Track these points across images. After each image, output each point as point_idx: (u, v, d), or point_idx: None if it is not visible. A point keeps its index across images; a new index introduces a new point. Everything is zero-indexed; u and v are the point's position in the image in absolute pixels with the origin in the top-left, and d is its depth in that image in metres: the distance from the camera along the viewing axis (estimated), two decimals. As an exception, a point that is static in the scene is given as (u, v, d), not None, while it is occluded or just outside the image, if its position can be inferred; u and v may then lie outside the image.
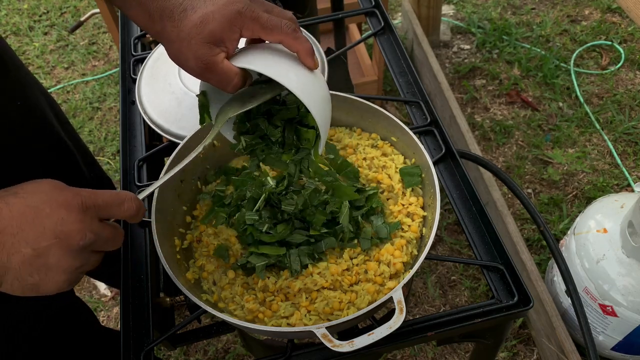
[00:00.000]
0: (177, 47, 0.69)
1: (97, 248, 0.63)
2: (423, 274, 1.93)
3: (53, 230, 0.58)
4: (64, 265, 0.59)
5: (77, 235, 0.59)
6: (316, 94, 0.72)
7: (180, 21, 0.67)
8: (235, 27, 0.67)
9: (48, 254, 0.58)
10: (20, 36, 2.95)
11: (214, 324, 1.09)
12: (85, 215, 0.60)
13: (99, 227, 0.62)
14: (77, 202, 0.60)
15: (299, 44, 0.71)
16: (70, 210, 0.59)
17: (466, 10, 2.80)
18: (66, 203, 0.60)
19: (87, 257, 0.62)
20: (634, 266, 1.40)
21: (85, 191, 0.62)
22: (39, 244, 0.57)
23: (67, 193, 0.61)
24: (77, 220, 0.59)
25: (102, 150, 2.43)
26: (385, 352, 1.17)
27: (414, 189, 0.91)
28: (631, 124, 2.24)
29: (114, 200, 0.64)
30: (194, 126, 0.92)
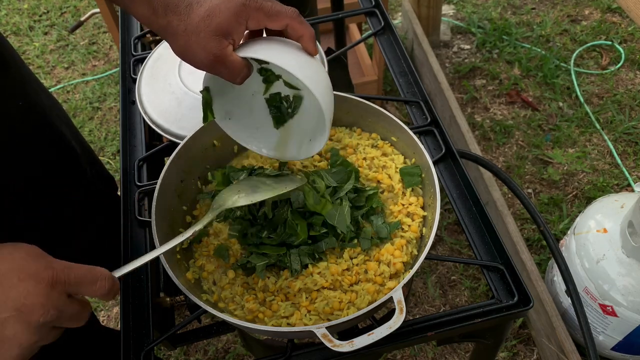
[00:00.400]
0: (183, 41, 0.69)
1: (58, 325, 0.61)
2: (423, 274, 1.93)
3: (15, 301, 0.56)
4: (20, 340, 0.57)
5: (39, 310, 0.57)
6: (320, 81, 0.72)
7: (186, 15, 0.68)
8: (241, 18, 0.68)
9: (5, 326, 0.55)
10: (20, 36, 2.95)
11: (214, 324, 1.09)
12: (53, 290, 0.58)
13: (64, 304, 0.59)
14: (48, 275, 0.58)
15: (304, 28, 0.71)
16: (38, 283, 0.57)
17: (466, 10, 2.80)
18: (36, 274, 0.57)
19: (46, 333, 0.60)
20: (634, 266, 1.40)
21: (59, 264, 0.60)
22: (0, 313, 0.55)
23: (39, 264, 0.59)
24: (42, 295, 0.57)
25: (102, 150, 2.43)
26: (385, 352, 1.17)
27: (414, 189, 0.91)
28: (631, 123, 2.24)
29: (87, 277, 0.62)
30: (194, 126, 0.92)
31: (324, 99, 0.72)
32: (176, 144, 0.93)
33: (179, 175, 0.90)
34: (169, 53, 1.19)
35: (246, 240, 0.85)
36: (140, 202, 1.00)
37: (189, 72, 1.14)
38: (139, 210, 0.98)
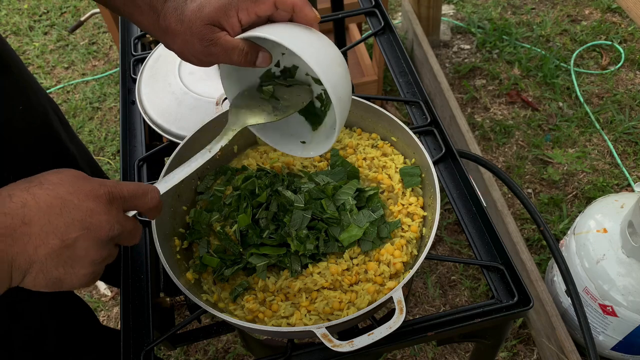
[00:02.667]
0: (181, 38, 0.72)
1: (119, 241, 0.63)
2: (423, 274, 1.93)
3: (81, 221, 0.57)
4: (91, 257, 0.59)
5: (105, 225, 0.59)
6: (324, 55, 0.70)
7: (181, 11, 0.71)
8: (230, 10, 0.70)
9: (76, 246, 0.57)
10: (20, 36, 2.95)
11: (214, 324, 1.09)
12: (112, 206, 0.60)
13: (124, 219, 0.62)
14: (104, 192, 0.60)
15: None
16: (98, 201, 0.59)
17: (466, 10, 2.80)
18: (93, 193, 0.59)
19: (112, 249, 0.62)
20: (634, 266, 1.40)
21: (110, 182, 0.62)
22: (68, 235, 0.56)
23: (92, 183, 0.60)
24: (105, 212, 0.59)
25: (102, 150, 2.43)
26: (385, 352, 1.17)
27: (414, 189, 0.91)
28: (631, 123, 2.24)
29: (138, 191, 0.64)
30: (194, 126, 0.92)
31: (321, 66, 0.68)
32: (176, 144, 0.93)
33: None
34: (169, 53, 1.19)
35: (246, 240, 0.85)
36: (140, 202, 0.99)
37: (189, 72, 1.14)
38: (139, 210, 0.98)
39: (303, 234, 0.82)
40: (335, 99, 0.70)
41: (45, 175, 0.60)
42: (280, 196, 0.85)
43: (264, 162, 0.96)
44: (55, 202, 0.57)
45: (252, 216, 0.84)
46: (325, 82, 0.68)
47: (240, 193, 0.87)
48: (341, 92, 0.71)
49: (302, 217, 0.83)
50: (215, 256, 0.84)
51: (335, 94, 0.69)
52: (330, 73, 0.69)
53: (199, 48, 0.71)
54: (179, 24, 0.71)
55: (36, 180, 0.59)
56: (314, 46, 0.70)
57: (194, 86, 1.11)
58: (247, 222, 0.83)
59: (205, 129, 0.92)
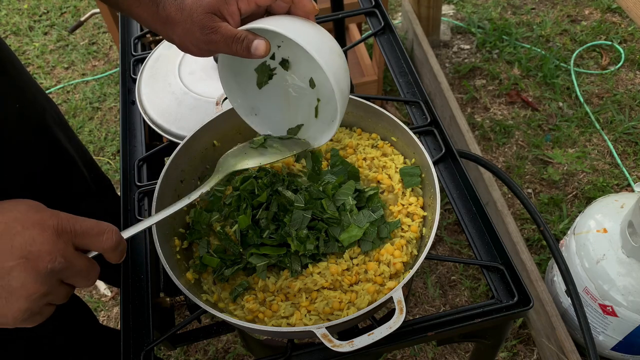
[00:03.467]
0: (181, 28, 0.72)
1: (67, 279, 0.58)
2: (423, 274, 1.93)
3: (21, 248, 0.54)
4: (28, 289, 0.54)
5: (46, 256, 0.54)
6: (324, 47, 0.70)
7: (182, 0, 0.71)
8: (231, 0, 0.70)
9: (11, 275, 0.53)
10: (20, 36, 2.95)
11: (214, 324, 1.09)
12: (59, 238, 0.56)
13: (72, 255, 0.57)
14: (53, 223, 0.56)
15: None
16: (44, 230, 0.55)
17: (466, 10, 2.80)
18: (41, 222, 0.56)
19: (55, 286, 0.57)
20: (634, 266, 1.40)
21: (65, 215, 0.58)
22: (4, 262, 0.53)
23: (44, 213, 0.57)
24: (48, 242, 0.55)
25: (102, 150, 2.43)
26: (385, 352, 1.17)
27: (414, 189, 0.91)
28: (631, 123, 2.24)
29: (94, 229, 0.60)
30: (194, 126, 0.92)
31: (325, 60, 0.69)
32: (176, 144, 0.93)
33: (179, 175, 0.90)
34: (169, 53, 1.19)
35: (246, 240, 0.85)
36: (140, 202, 1.00)
37: (189, 72, 1.14)
38: (139, 210, 0.98)
39: (303, 234, 0.82)
40: (337, 89, 0.70)
41: (2, 203, 0.57)
42: (281, 196, 0.85)
43: (264, 162, 0.96)
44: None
45: (252, 216, 0.85)
46: (327, 70, 0.68)
47: (240, 193, 0.87)
48: (342, 83, 0.72)
49: (302, 217, 0.83)
50: (215, 256, 0.84)
51: (337, 84, 0.70)
52: (331, 63, 0.70)
53: (200, 36, 0.71)
54: (179, 13, 0.71)
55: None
56: (314, 38, 0.70)
57: (194, 86, 1.11)
58: (247, 222, 0.83)
59: (205, 129, 0.92)
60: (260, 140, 0.85)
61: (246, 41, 0.69)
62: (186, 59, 1.17)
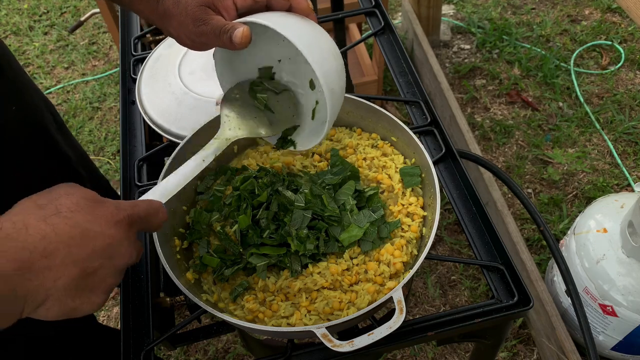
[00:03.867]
0: (177, 19, 0.73)
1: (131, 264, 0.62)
2: (423, 274, 1.93)
3: (103, 250, 0.56)
4: (108, 284, 0.57)
5: (126, 254, 0.58)
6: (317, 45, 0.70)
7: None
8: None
9: (96, 274, 0.56)
10: (20, 36, 2.95)
11: (214, 324, 1.09)
12: (131, 230, 0.59)
13: (138, 245, 0.61)
14: (124, 216, 0.59)
15: None
16: (120, 228, 0.58)
17: (466, 10, 2.80)
18: (114, 219, 0.58)
19: (123, 275, 0.61)
20: (634, 266, 1.40)
21: (125, 204, 0.60)
22: (90, 264, 0.55)
23: (109, 207, 0.58)
24: (126, 238, 0.58)
25: (102, 150, 2.43)
26: (385, 352, 1.17)
27: (414, 189, 0.91)
28: (631, 123, 2.24)
29: (151, 210, 0.63)
30: (194, 126, 0.92)
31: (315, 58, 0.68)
32: (176, 144, 0.93)
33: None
34: (169, 53, 1.19)
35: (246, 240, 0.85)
36: (140, 202, 1.00)
37: (189, 72, 1.14)
38: (139, 210, 0.98)
39: (303, 234, 0.82)
40: (327, 90, 0.69)
41: (59, 200, 0.56)
42: (281, 196, 0.85)
43: (264, 162, 0.96)
44: (75, 231, 0.54)
45: (253, 216, 0.85)
46: (316, 69, 0.67)
47: (240, 193, 0.87)
48: (333, 83, 0.71)
49: (303, 216, 0.83)
50: (215, 256, 0.84)
51: (327, 85, 0.69)
52: (322, 62, 0.69)
53: (192, 29, 0.72)
54: (175, 6, 0.72)
55: (51, 207, 0.55)
56: (308, 35, 0.70)
57: (194, 86, 1.11)
58: (247, 223, 0.83)
59: (206, 129, 0.92)
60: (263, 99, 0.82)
61: (230, 31, 0.69)
62: (186, 59, 1.17)
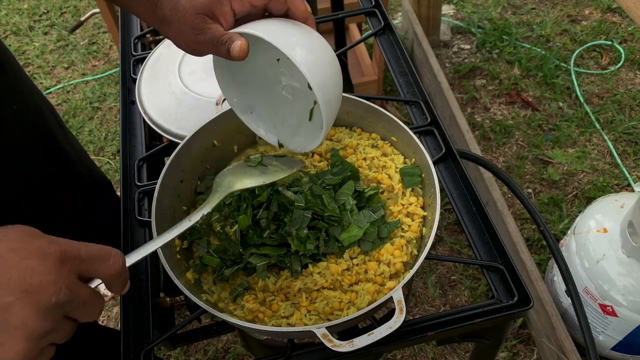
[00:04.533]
0: (175, 26, 0.73)
1: (71, 312, 0.52)
2: (423, 274, 1.93)
3: (20, 282, 0.48)
4: (29, 327, 0.48)
5: (50, 288, 0.49)
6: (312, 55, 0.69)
7: (177, 1, 0.72)
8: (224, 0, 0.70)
9: (10, 311, 0.48)
10: (20, 36, 2.95)
11: (214, 324, 1.09)
12: (63, 266, 0.51)
13: (77, 285, 0.52)
14: (54, 250, 0.51)
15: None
16: (44, 259, 0.50)
17: (466, 10, 2.80)
18: (40, 250, 0.50)
19: (59, 322, 0.51)
20: (634, 266, 1.40)
21: (66, 240, 0.53)
22: (2, 298, 0.47)
23: (41, 240, 0.52)
24: (51, 272, 0.50)
25: (102, 150, 2.43)
26: (385, 352, 1.17)
27: (414, 189, 0.91)
28: (631, 123, 2.24)
29: (99, 253, 0.55)
30: (194, 126, 0.92)
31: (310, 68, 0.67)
32: (176, 144, 0.93)
33: (179, 175, 0.90)
34: (169, 53, 1.19)
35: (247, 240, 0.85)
36: (140, 202, 1.00)
37: (189, 72, 1.14)
38: (139, 210, 0.98)
39: (303, 234, 0.82)
40: (324, 103, 0.69)
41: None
42: (281, 196, 0.85)
43: (264, 162, 0.96)
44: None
45: (253, 216, 0.85)
46: (311, 81, 0.67)
47: (240, 193, 0.87)
48: (330, 95, 0.71)
49: (303, 216, 0.83)
50: (215, 256, 0.84)
51: (323, 98, 0.69)
52: (319, 76, 0.68)
53: (191, 37, 0.72)
54: (173, 13, 0.72)
55: None
56: (301, 44, 0.69)
57: (194, 86, 1.11)
58: (247, 223, 0.83)
59: (206, 129, 0.92)
60: (257, 159, 0.86)
61: (228, 43, 0.69)
62: (186, 59, 1.17)
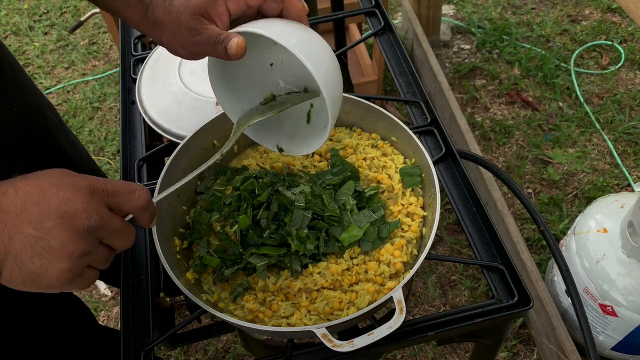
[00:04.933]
0: (170, 29, 0.72)
1: (105, 238, 0.60)
2: (423, 274, 1.93)
3: (57, 209, 0.55)
4: (68, 248, 0.55)
5: (82, 214, 0.56)
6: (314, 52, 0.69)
7: (170, 3, 0.71)
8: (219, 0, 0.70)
9: (51, 235, 0.54)
10: (20, 36, 2.95)
11: (214, 324, 1.09)
12: (92, 197, 0.58)
13: (106, 213, 0.59)
14: (85, 183, 0.58)
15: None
16: (77, 191, 0.57)
17: (466, 10, 2.80)
18: (74, 184, 0.57)
19: (94, 245, 0.58)
20: (634, 266, 1.40)
21: (96, 177, 0.60)
22: (43, 223, 0.54)
23: (76, 176, 0.59)
24: (83, 201, 0.57)
25: (102, 150, 2.43)
26: (385, 352, 1.17)
27: (414, 189, 0.91)
28: (631, 123, 2.24)
29: (124, 188, 0.61)
30: (194, 126, 0.92)
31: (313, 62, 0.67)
32: (176, 144, 0.93)
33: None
34: (169, 53, 1.19)
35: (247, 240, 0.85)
36: (140, 202, 1.00)
37: (189, 72, 1.14)
38: (139, 210, 0.98)
39: (303, 234, 0.82)
40: (329, 100, 0.69)
41: (37, 172, 0.59)
42: (281, 196, 0.85)
43: (264, 162, 0.96)
44: (34, 190, 0.56)
45: (253, 216, 0.85)
46: (318, 78, 0.67)
47: (241, 193, 0.87)
48: (334, 92, 0.71)
49: (303, 216, 0.83)
50: (215, 256, 0.84)
51: (326, 90, 0.69)
52: (322, 70, 0.68)
53: (186, 38, 0.71)
54: (167, 16, 0.71)
55: (23, 176, 0.58)
56: (305, 42, 0.69)
57: (194, 86, 1.11)
58: (247, 223, 0.83)
59: (205, 129, 0.92)
60: (269, 97, 0.83)
61: (225, 42, 0.68)
62: (186, 59, 1.17)
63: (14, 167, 0.94)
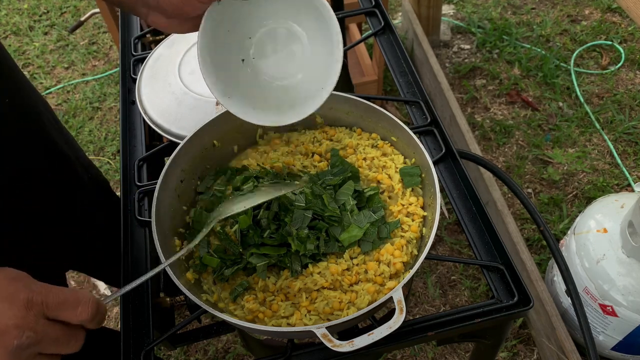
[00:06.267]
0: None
1: (44, 350, 0.57)
2: (423, 274, 1.93)
3: None
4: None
5: (13, 331, 0.54)
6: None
7: None
8: None
9: None
10: (20, 36, 2.95)
11: (214, 324, 1.09)
12: (29, 311, 0.55)
13: (43, 327, 0.56)
14: (23, 297, 0.55)
15: None
16: (12, 304, 0.54)
17: (466, 10, 2.80)
18: (11, 296, 0.55)
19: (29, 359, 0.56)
20: (634, 266, 1.40)
21: (38, 286, 0.57)
22: None
23: (15, 286, 0.56)
24: (16, 317, 0.54)
25: (102, 150, 2.43)
26: (385, 352, 1.17)
27: (414, 189, 0.91)
28: (631, 123, 2.24)
29: (68, 301, 0.58)
30: (194, 126, 0.92)
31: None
32: (176, 144, 0.93)
33: (179, 175, 0.90)
34: (169, 53, 1.19)
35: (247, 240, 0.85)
36: (140, 202, 1.00)
37: (189, 72, 1.14)
38: (139, 210, 0.99)
39: (304, 234, 0.82)
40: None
41: None
42: (281, 196, 0.85)
43: (264, 162, 0.96)
44: None
45: (253, 216, 0.85)
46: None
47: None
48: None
49: (303, 216, 0.83)
50: (215, 256, 0.84)
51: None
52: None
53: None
54: None
55: None
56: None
57: (194, 86, 1.11)
58: (248, 223, 0.83)
59: (205, 129, 0.92)
60: (250, 188, 0.86)
61: None
62: (186, 59, 1.17)
63: (12, 165, 0.94)
